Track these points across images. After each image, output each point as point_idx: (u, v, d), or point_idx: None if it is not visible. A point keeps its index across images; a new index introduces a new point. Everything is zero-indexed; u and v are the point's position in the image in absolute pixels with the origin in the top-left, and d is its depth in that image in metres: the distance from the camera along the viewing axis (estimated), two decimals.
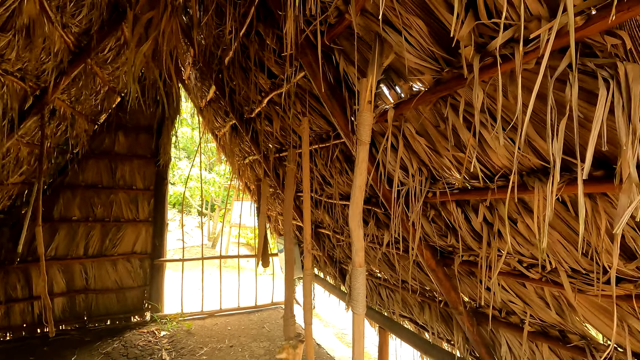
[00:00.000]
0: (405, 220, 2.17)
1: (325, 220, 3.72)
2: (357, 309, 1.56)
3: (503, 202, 1.63)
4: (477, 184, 1.67)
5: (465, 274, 2.27)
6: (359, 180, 1.56)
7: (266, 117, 3.49)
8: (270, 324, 5.46)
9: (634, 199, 0.96)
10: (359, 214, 1.56)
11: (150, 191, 5.56)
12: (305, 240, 2.20)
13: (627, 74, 0.94)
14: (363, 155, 1.57)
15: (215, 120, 5.36)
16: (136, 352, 4.30)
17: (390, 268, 3.13)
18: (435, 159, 1.86)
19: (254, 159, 4.81)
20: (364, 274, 1.56)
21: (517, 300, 1.99)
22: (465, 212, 1.87)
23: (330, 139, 2.64)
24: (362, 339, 1.57)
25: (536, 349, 2.09)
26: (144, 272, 5.50)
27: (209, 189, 12.33)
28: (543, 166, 1.39)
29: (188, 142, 14.36)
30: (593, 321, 1.66)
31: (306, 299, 2.20)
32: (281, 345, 2.42)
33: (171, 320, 5.30)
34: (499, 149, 1.44)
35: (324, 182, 3.22)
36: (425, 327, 3.13)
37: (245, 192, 6.68)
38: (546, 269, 1.67)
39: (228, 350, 4.46)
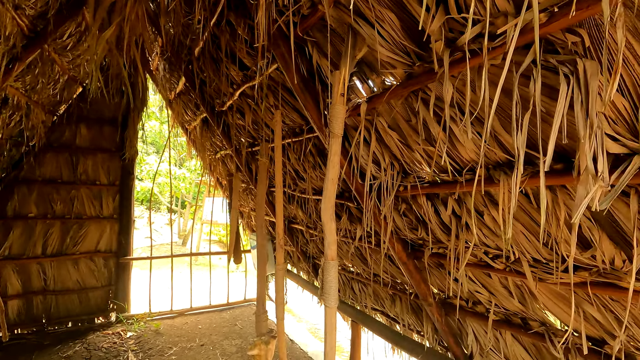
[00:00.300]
0: (377, 214, 2.19)
1: (299, 215, 3.70)
2: (329, 302, 1.55)
3: (471, 195, 1.68)
4: (446, 177, 1.71)
5: (435, 266, 2.33)
6: (332, 174, 1.56)
7: (238, 110, 3.42)
8: (243, 321, 5.39)
9: (590, 190, 1.01)
10: (331, 207, 1.55)
11: (116, 186, 5.30)
12: (277, 235, 2.17)
13: (586, 70, 0.98)
14: (336, 148, 1.56)
15: (185, 113, 5.19)
16: (100, 354, 4.11)
17: (362, 262, 3.16)
18: (406, 153, 1.88)
19: (226, 153, 4.70)
20: (336, 267, 1.56)
21: (482, 290, 2.06)
22: (435, 206, 1.91)
23: (303, 132, 2.61)
24: (334, 332, 1.57)
25: (500, 336, 2.19)
26: (108, 271, 5.25)
27: (179, 185, 11.96)
28: (508, 160, 1.44)
29: (157, 137, 13.85)
30: (552, 308, 1.75)
31: (278, 294, 2.18)
32: (253, 342, 2.38)
33: (138, 320, 5.10)
34: (467, 143, 1.47)
35: (297, 176, 3.19)
36: (396, 319, 3.19)
37: (216, 188, 6.54)
38: (510, 259, 1.73)
39: (199, 350, 4.36)
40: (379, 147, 1.99)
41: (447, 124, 1.41)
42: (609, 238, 1.30)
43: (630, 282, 1.20)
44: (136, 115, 5.04)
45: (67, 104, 4.91)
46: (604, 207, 1.02)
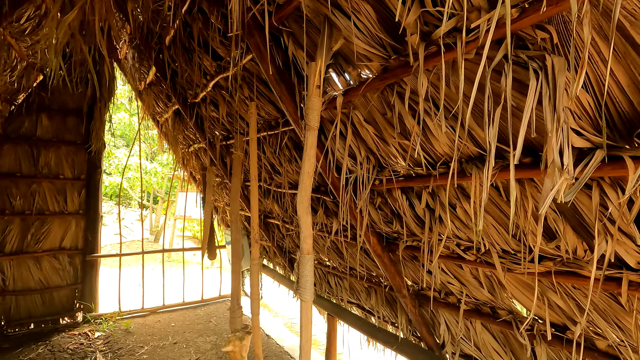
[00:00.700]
0: (353, 208, 2.20)
1: (275, 209, 3.66)
2: (304, 296, 1.54)
3: (444, 188, 1.71)
4: (420, 171, 1.73)
5: (409, 259, 2.37)
6: (308, 166, 1.54)
7: (212, 102, 3.32)
8: (218, 317, 5.31)
9: (556, 183, 1.05)
10: (307, 200, 1.54)
11: (81, 181, 5.05)
12: (253, 230, 2.13)
13: (554, 65, 1.01)
14: (312, 140, 1.54)
15: (156, 105, 5.00)
16: (65, 356, 3.93)
17: (338, 256, 3.17)
18: (382, 147, 1.89)
19: (200, 146, 4.57)
20: (312, 260, 1.55)
21: (454, 282, 2.12)
22: (410, 199, 1.94)
23: (279, 126, 2.57)
24: (309, 326, 1.56)
25: (470, 325, 2.26)
26: (74, 269, 5.01)
27: (150, 179, 11.56)
28: (480, 154, 1.47)
29: (126, 129, 13.30)
30: (519, 297, 1.82)
31: (253, 289, 2.14)
32: (227, 338, 2.34)
33: (107, 319, 4.91)
34: (441, 137, 1.49)
35: (272, 170, 3.15)
36: (371, 311, 3.24)
37: (190, 183, 6.36)
38: (481, 250, 1.79)
39: (172, 348, 4.25)
40: (355, 141, 1.99)
41: (422, 117, 1.42)
42: (572, 229, 1.36)
43: (591, 270, 1.26)
44: (103, 106, 4.80)
45: (27, 92, 4.60)
46: (569, 199, 1.06)
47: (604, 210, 1.21)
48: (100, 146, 4.95)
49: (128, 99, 12.54)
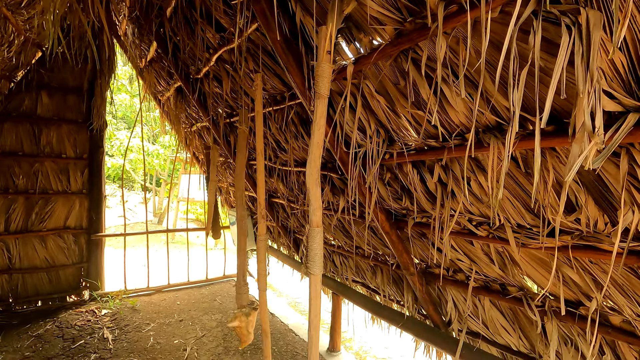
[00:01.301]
0: (362, 184, 2.15)
1: (280, 189, 3.62)
2: (313, 270, 1.51)
3: (458, 161, 1.65)
4: (434, 143, 1.66)
5: (417, 236, 2.34)
6: (317, 137, 1.47)
7: (215, 77, 3.23)
8: (223, 296, 5.36)
9: (584, 148, 0.99)
10: (316, 171, 1.48)
11: (84, 160, 5.00)
12: (259, 205, 2.09)
13: (589, 20, 0.93)
14: (321, 109, 1.47)
15: (157, 83, 4.91)
16: (73, 332, 3.98)
17: (345, 235, 3.14)
18: (393, 119, 1.82)
19: (202, 125, 4.50)
20: (322, 234, 1.51)
21: (464, 258, 2.08)
22: (421, 173, 1.88)
23: (285, 100, 2.50)
24: (318, 299, 1.54)
25: (478, 303, 2.24)
26: (79, 248, 5.03)
27: (152, 161, 11.52)
28: (498, 123, 1.41)
29: (127, 111, 13.17)
30: (531, 273, 1.78)
31: (260, 265, 2.12)
32: (233, 314, 2.34)
33: (113, 298, 4.96)
34: (458, 105, 1.42)
35: (278, 147, 3.09)
36: (376, 290, 3.24)
37: (193, 164, 6.32)
38: (494, 225, 1.74)
39: (177, 325, 4.30)
40: (365, 113, 1.92)
41: (439, 84, 1.35)
42: (594, 201, 1.30)
43: (613, 243, 1.21)
44: (104, 82, 4.70)
45: (26, 69, 4.51)
46: (597, 165, 1.00)
47: (632, 180, 1.15)
48: (102, 124, 4.88)
49: (129, 79, 12.37)
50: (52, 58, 4.54)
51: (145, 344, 3.80)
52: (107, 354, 3.56)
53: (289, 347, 3.90)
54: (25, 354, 3.49)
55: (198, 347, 3.78)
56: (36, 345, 3.69)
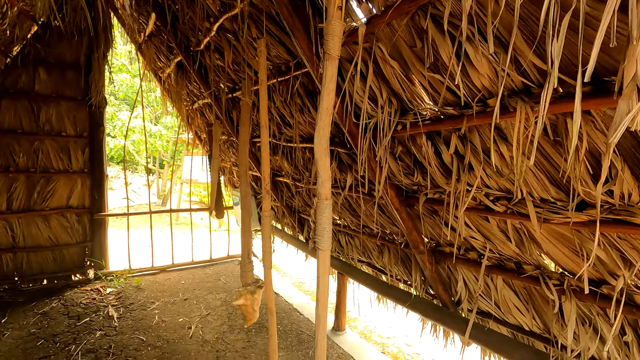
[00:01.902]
0: (371, 158, 2.04)
1: (284, 167, 3.52)
2: (322, 245, 1.43)
3: (478, 130, 1.53)
4: (452, 111, 1.54)
5: (428, 214, 2.24)
6: (327, 102, 1.36)
7: (216, 49, 3.08)
8: (227, 276, 5.36)
9: (632, 107, 0.87)
10: (325, 140, 1.37)
11: (84, 138, 4.91)
12: (263, 180, 2.00)
13: None
14: (332, 71, 1.35)
15: (157, 59, 4.74)
16: (78, 310, 3.99)
17: (351, 214, 3.06)
18: (407, 86, 1.70)
19: (204, 102, 4.37)
20: (330, 207, 1.41)
21: (478, 236, 1.99)
22: (436, 145, 1.77)
23: (290, 70, 2.36)
24: (326, 276, 1.46)
25: (490, 282, 2.16)
26: (82, 227, 5.00)
27: (155, 142, 11.42)
28: (526, 86, 1.28)
29: (129, 91, 12.98)
30: (551, 250, 1.69)
31: (265, 242, 2.05)
32: (238, 292, 2.28)
33: (118, 277, 4.97)
34: (483, 65, 1.29)
35: (282, 122, 2.97)
36: (383, 270, 3.18)
37: (195, 145, 6.21)
38: (513, 200, 1.64)
39: (182, 304, 4.30)
40: (376, 81, 1.79)
41: (463, 43, 1.22)
42: (630, 170, 1.19)
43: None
44: (101, 56, 4.55)
45: (21, 44, 4.36)
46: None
47: None
48: (101, 100, 4.76)
49: (129, 59, 12.12)
50: (48, 32, 4.39)
51: (150, 321, 3.80)
52: (112, 331, 3.57)
53: (294, 325, 3.89)
54: (31, 331, 3.51)
55: (203, 325, 3.78)
56: (42, 322, 3.70)
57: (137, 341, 3.40)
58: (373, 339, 3.96)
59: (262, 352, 3.30)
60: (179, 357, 3.17)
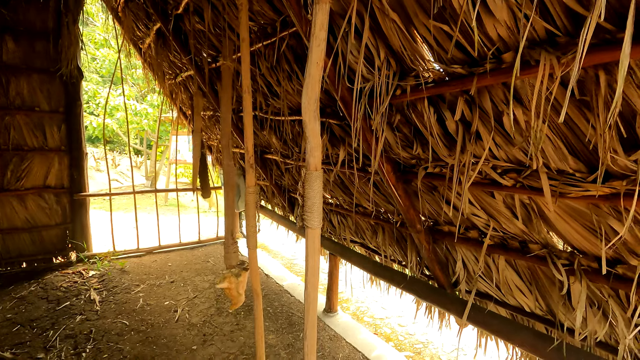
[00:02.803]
0: (366, 129, 1.85)
1: (273, 142, 3.31)
2: (311, 222, 1.25)
3: (489, 91, 1.35)
4: (459, 70, 1.35)
5: (427, 190, 2.08)
6: (316, 54, 1.16)
7: (196, 11, 2.80)
8: (215, 258, 5.21)
9: None
10: (315, 101, 1.18)
11: (60, 114, 4.61)
12: (246, 153, 1.80)
13: None
14: (322, 18, 1.14)
15: (136, 28, 4.40)
16: (58, 294, 3.81)
17: (343, 191, 2.89)
18: (408, 44, 1.49)
19: (187, 75, 4.09)
20: (321, 178, 1.23)
21: (481, 213, 1.84)
22: (440, 111, 1.58)
23: (276, 32, 2.12)
24: (316, 255, 1.29)
25: (492, 262, 2.03)
26: (62, 208, 4.76)
27: (141, 121, 11.01)
28: (550, 35, 1.09)
29: (112, 67, 12.40)
30: (562, 227, 1.55)
31: (250, 220, 1.87)
32: (222, 274, 2.12)
33: (101, 259, 4.78)
34: (502, 9, 1.09)
35: (270, 93, 2.74)
36: (376, 250, 3.05)
37: (181, 122, 5.92)
38: (523, 173, 1.48)
39: (168, 286, 4.16)
40: (373, 39, 1.58)
41: None
42: None
43: None
44: (70, 22, 4.19)
45: None
46: None
47: None
48: (74, 71, 4.42)
49: (110, 33, 11.50)
50: None
51: (134, 305, 3.65)
52: (94, 315, 3.41)
53: (284, 307, 3.78)
54: (6, 316, 3.33)
55: (189, 309, 3.65)
56: (19, 307, 3.52)
57: (120, 325, 3.25)
58: (366, 320, 3.89)
59: (250, 335, 3.18)
60: (164, 342, 3.04)
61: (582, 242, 1.54)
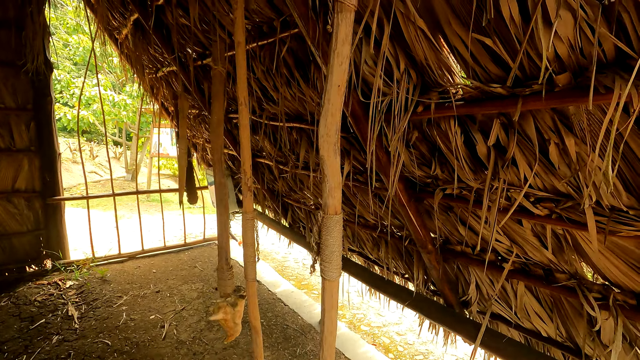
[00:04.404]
0: (379, 146, 1.65)
1: (266, 147, 3.07)
2: (329, 274, 1.05)
3: (534, 116, 1.16)
4: (499, 89, 1.15)
5: (441, 210, 1.91)
6: (337, 75, 0.94)
7: (180, 4, 2.50)
8: (203, 262, 4.97)
9: None
10: (335, 132, 0.96)
11: (29, 111, 4.20)
12: (244, 174, 1.57)
13: None
14: (344, 30, 0.92)
15: (111, 17, 4.01)
16: (32, 309, 3.52)
17: (344, 202, 2.70)
18: (433, 56, 1.28)
19: (169, 70, 3.76)
20: (341, 223, 1.03)
21: (504, 239, 1.68)
22: (469, 132, 1.39)
23: (275, 32, 1.87)
24: (334, 311, 1.10)
25: (509, 287, 1.89)
26: (34, 214, 4.40)
27: (119, 113, 10.47)
28: (620, 57, 0.91)
29: (87, 55, 11.69)
30: (600, 262, 1.40)
31: (247, 250, 1.66)
32: (215, 304, 1.91)
33: (80, 267, 4.47)
34: (566, 24, 0.90)
35: (264, 97, 2.49)
36: (377, 261, 2.89)
37: (163, 116, 5.56)
38: (561, 204, 1.31)
39: (153, 297, 3.91)
40: (392, 48, 1.36)
41: None
42: None
43: None
44: (35, 11, 3.78)
45: None
46: None
47: None
48: (41, 65, 4.01)
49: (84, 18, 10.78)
50: None
51: (116, 321, 3.40)
52: (72, 335, 3.15)
53: (279, 319, 3.60)
54: None
55: (177, 323, 3.42)
56: None
57: (102, 346, 3.01)
58: (363, 328, 3.76)
59: (245, 353, 3.00)
60: None
61: (620, 276, 1.40)
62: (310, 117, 2.21)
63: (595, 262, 1.41)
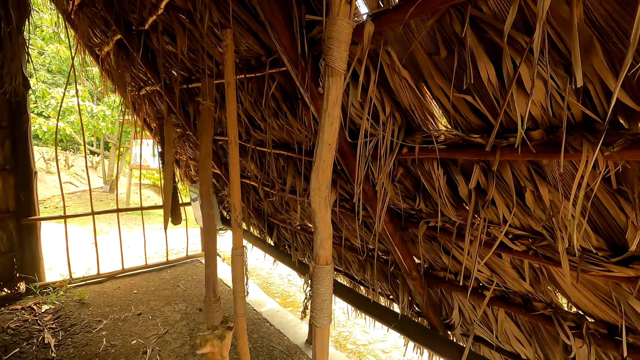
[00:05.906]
0: (365, 181, 1.70)
1: (251, 168, 3.08)
2: (320, 321, 1.08)
3: (511, 165, 1.24)
4: (478, 139, 1.23)
5: (425, 239, 1.97)
6: (328, 134, 0.99)
7: (166, 30, 2.51)
8: (186, 281, 4.88)
9: None
10: (326, 187, 1.01)
11: (4, 129, 4.06)
12: (233, 210, 1.59)
13: None
14: (335, 93, 0.97)
15: (92, 34, 3.96)
16: (5, 338, 3.36)
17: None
18: (417, 103, 1.35)
19: (153, 89, 3.73)
20: (332, 273, 1.07)
21: (484, 269, 1.76)
22: (451, 174, 1.46)
23: (263, 67, 1.91)
24: (325, 355, 1.13)
25: (490, 312, 1.97)
26: (8, 235, 4.22)
27: (98, 123, 10.22)
28: (587, 120, 0.99)
29: (64, 64, 11.41)
30: (574, 295, 1.49)
31: (237, 285, 1.66)
32: (202, 336, 1.90)
33: (56, 289, 4.31)
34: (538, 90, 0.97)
35: (251, 125, 2.52)
36: (363, 282, 2.93)
37: (144, 130, 5.47)
38: (537, 241, 1.39)
39: (135, 320, 3.81)
40: (378, 93, 1.42)
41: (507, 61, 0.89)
42: None
43: None
44: (14, 30, 3.68)
45: None
46: None
47: None
48: (19, 86, 3.90)
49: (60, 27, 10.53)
50: None
51: (96, 348, 3.29)
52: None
53: (264, 340, 3.58)
54: None
55: (160, 348, 3.35)
56: None
57: None
58: (349, 347, 3.78)
59: None
60: None
61: (592, 307, 1.49)
62: (297, 147, 2.25)
63: (570, 294, 1.50)
